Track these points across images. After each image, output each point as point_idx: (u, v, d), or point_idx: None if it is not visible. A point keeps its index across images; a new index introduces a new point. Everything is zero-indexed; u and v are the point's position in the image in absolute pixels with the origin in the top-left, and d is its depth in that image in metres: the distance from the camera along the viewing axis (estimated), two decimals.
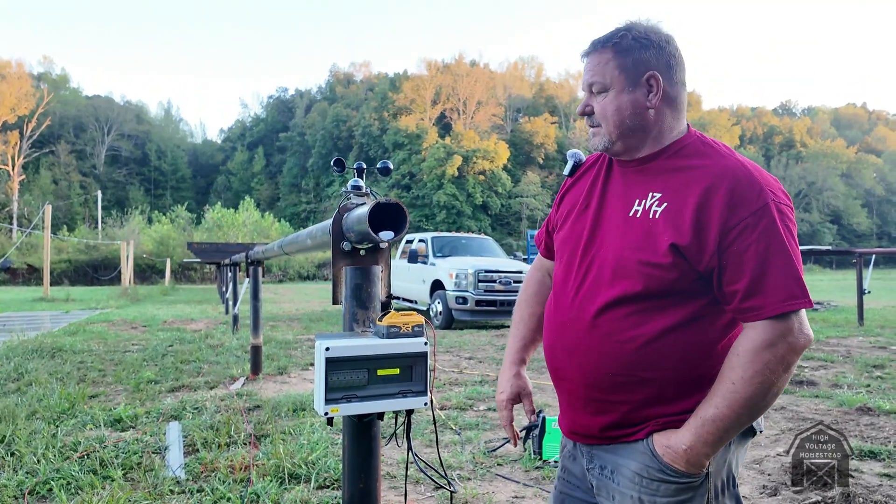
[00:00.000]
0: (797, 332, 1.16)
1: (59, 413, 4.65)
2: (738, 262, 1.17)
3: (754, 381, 1.16)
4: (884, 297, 20.30)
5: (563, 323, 1.39)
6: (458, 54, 79.89)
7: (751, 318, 1.19)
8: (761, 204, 1.17)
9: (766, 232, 1.16)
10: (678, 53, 1.32)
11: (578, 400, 1.37)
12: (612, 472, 1.33)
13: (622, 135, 1.31)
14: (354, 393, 1.53)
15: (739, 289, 1.18)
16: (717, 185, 1.19)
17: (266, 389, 5.75)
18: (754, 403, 1.17)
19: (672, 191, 1.25)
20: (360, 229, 1.62)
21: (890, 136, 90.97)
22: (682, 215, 1.21)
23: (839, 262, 60.05)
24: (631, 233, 1.27)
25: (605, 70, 1.30)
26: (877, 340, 9.55)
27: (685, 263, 1.21)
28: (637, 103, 1.28)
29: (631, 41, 1.29)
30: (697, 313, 1.25)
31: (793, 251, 1.18)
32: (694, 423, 1.21)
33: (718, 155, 1.26)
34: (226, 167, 79.79)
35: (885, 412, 4.88)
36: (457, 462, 3.68)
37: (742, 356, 1.18)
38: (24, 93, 60.39)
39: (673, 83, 1.30)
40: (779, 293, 1.15)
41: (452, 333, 10.75)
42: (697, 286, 1.23)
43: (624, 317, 1.26)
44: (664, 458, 1.24)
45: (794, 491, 3.27)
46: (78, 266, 40.58)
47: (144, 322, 12.23)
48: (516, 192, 65.12)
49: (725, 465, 1.29)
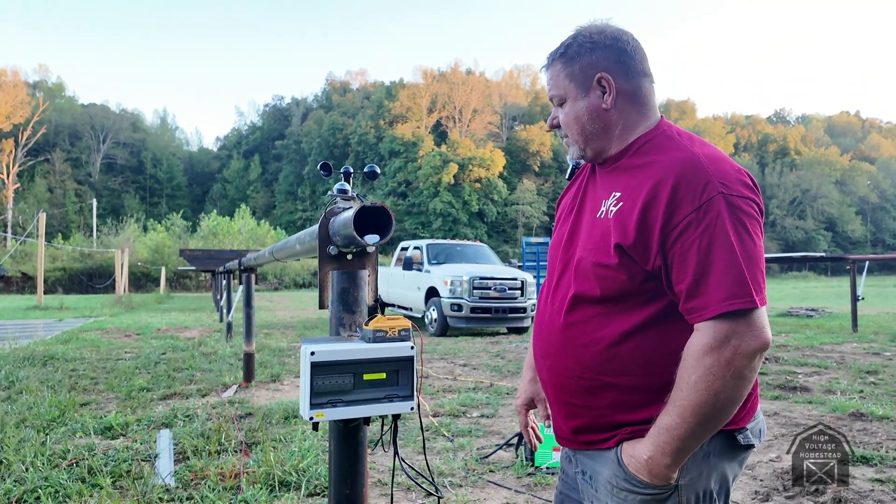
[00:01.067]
0: (744, 334, 1.07)
1: (49, 421, 4.62)
2: (682, 260, 1.11)
3: (698, 388, 1.08)
4: (877, 303, 20.37)
5: (540, 326, 1.40)
6: (454, 63, 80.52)
7: (695, 320, 1.12)
8: (706, 198, 1.09)
9: (709, 228, 1.08)
10: (630, 47, 1.27)
11: (554, 403, 1.37)
12: (590, 477, 1.31)
13: (587, 140, 1.30)
14: (340, 398, 1.52)
15: (683, 289, 1.11)
16: (665, 181, 1.13)
17: (258, 397, 5.73)
18: (703, 412, 1.09)
19: (629, 189, 1.20)
20: (346, 233, 1.62)
21: (883, 144, 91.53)
22: (630, 215, 1.16)
23: (833, 268, 60.30)
24: (592, 235, 1.26)
25: (559, 81, 1.31)
26: (870, 346, 9.58)
27: (633, 264, 1.17)
28: (592, 107, 1.27)
29: (576, 48, 1.28)
30: (658, 316, 1.19)
31: (740, 247, 1.08)
32: (653, 431, 1.15)
33: (675, 148, 1.20)
34: (221, 175, 79.78)
35: (877, 418, 4.88)
36: (449, 469, 3.67)
37: (687, 360, 1.11)
38: (20, 101, 60.33)
39: (629, 78, 1.27)
40: (719, 292, 1.07)
41: (447, 340, 10.72)
42: (652, 287, 1.18)
43: (586, 320, 1.24)
44: (629, 468, 1.19)
45: (786, 496, 3.26)
46: (72, 274, 40.42)
47: (138, 330, 12.18)
48: (512, 199, 65.26)
49: (702, 479, 1.20)
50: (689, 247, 1.10)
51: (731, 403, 1.10)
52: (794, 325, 13.75)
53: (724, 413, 1.11)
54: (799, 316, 16.28)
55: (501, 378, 6.83)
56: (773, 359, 8.15)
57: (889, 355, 8.62)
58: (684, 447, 1.12)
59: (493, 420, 4.90)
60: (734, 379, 1.08)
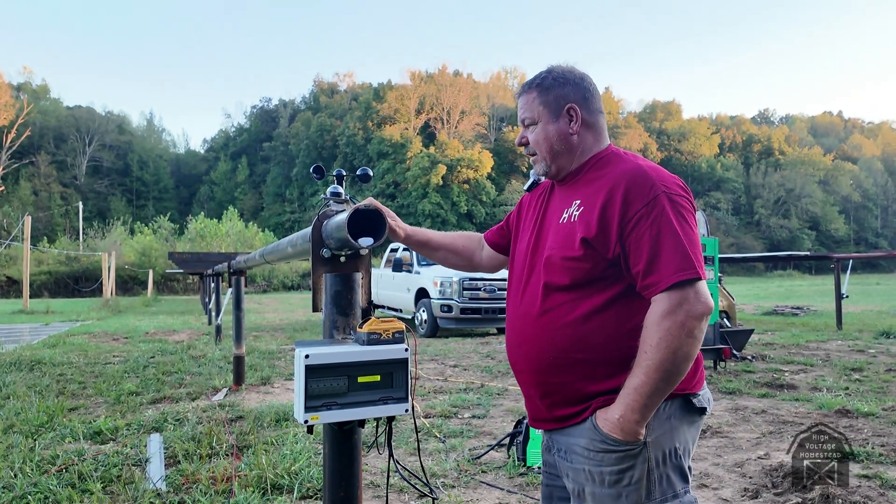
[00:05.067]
0: (693, 300, 1.32)
1: (38, 426, 4.58)
2: (637, 247, 1.36)
3: (661, 347, 1.31)
4: (861, 301, 20.61)
5: (514, 318, 1.60)
6: (442, 64, 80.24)
7: (652, 293, 1.35)
8: (652, 196, 1.37)
9: (657, 219, 1.35)
10: (593, 87, 1.57)
11: (531, 387, 1.56)
12: (566, 452, 1.50)
13: (553, 158, 1.56)
14: (335, 400, 1.52)
15: (640, 269, 1.36)
16: (618, 185, 1.40)
17: (249, 400, 5.71)
18: (665, 368, 1.31)
19: (587, 196, 1.47)
20: (339, 236, 1.62)
21: (865, 144, 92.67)
22: (592, 214, 1.42)
23: (818, 267, 60.93)
24: (559, 236, 1.49)
25: (532, 107, 1.57)
26: (855, 344, 9.70)
27: (595, 254, 1.41)
28: (561, 131, 1.54)
29: (551, 81, 1.55)
30: (617, 297, 1.43)
31: (682, 232, 1.35)
32: (622, 393, 1.37)
33: (622, 161, 1.48)
34: (209, 177, 79.13)
35: (863, 414, 4.95)
36: (441, 469, 3.68)
37: (648, 327, 1.34)
38: (4, 103, 59.53)
39: (591, 112, 1.55)
40: (670, 268, 1.33)
41: (437, 341, 10.74)
42: (612, 273, 1.42)
43: (557, 306, 1.47)
44: (603, 429, 1.40)
45: (774, 493, 3.30)
46: (58, 278, 39.93)
47: (126, 334, 12.08)
48: (501, 200, 65.28)
49: (666, 438, 1.43)
50: (643, 234, 1.36)
51: (686, 360, 1.33)
52: (780, 323, 13.88)
53: (681, 369, 1.33)
54: (784, 314, 16.43)
55: (492, 379, 6.85)
56: (760, 357, 8.24)
57: (873, 352, 8.74)
58: (650, 403, 1.34)
59: (484, 421, 4.92)
60: (688, 337, 1.31)
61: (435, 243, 1.98)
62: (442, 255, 1.99)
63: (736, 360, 7.75)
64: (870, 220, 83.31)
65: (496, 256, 1.94)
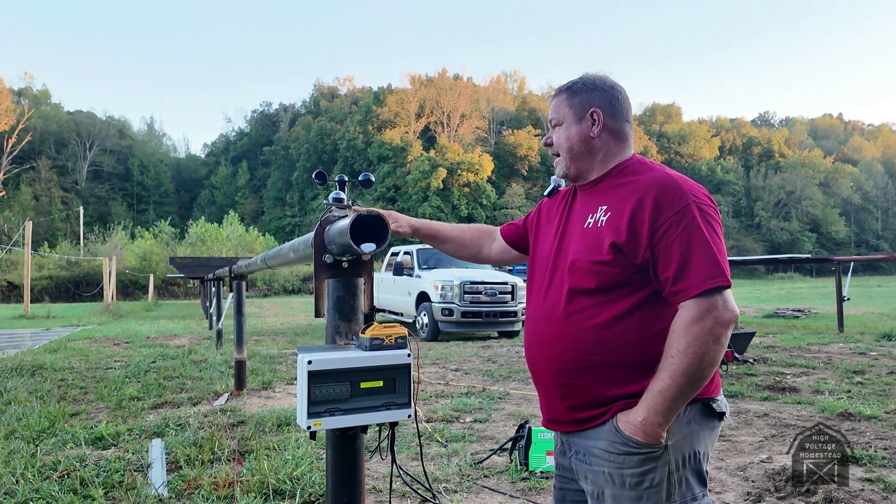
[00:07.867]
0: (721, 307, 1.34)
1: (39, 432, 4.57)
2: (667, 253, 1.38)
3: (688, 352, 1.33)
4: (863, 303, 20.58)
5: (535, 320, 1.61)
6: (442, 68, 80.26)
7: (681, 299, 1.37)
8: (683, 205, 1.39)
9: (688, 227, 1.37)
10: (622, 97, 1.59)
11: (551, 388, 1.57)
12: (584, 454, 1.51)
13: (573, 159, 1.59)
14: (337, 406, 1.52)
15: (670, 275, 1.38)
16: (648, 193, 1.43)
17: (250, 405, 5.70)
18: (691, 373, 1.33)
19: (615, 202, 1.49)
20: (342, 241, 1.62)
21: (865, 146, 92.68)
22: (621, 220, 1.44)
23: (819, 269, 60.81)
24: (585, 240, 1.51)
25: (560, 108, 1.62)
26: (857, 346, 9.68)
27: (624, 258, 1.43)
28: (582, 133, 1.57)
29: (581, 86, 1.59)
30: (642, 303, 1.45)
31: (712, 241, 1.37)
32: (646, 397, 1.39)
33: (650, 170, 1.50)
34: (209, 181, 79.17)
35: (865, 417, 4.94)
36: (443, 474, 3.67)
37: (676, 332, 1.36)
38: (4, 108, 59.61)
39: (616, 119, 1.58)
40: (700, 275, 1.35)
41: (439, 345, 10.72)
42: (639, 279, 1.44)
43: (582, 310, 1.48)
44: (626, 432, 1.41)
45: (777, 497, 3.29)
46: (59, 283, 39.91)
47: (127, 338, 12.07)
48: (501, 203, 65.32)
49: (686, 442, 1.45)
50: (673, 241, 1.38)
51: (711, 366, 1.35)
52: (782, 325, 13.87)
53: (706, 374, 1.35)
54: (786, 317, 16.42)
55: (493, 383, 6.84)
56: (762, 360, 8.23)
57: (875, 355, 8.73)
58: (674, 407, 1.37)
59: (486, 425, 4.91)
60: (715, 344, 1.34)
61: (443, 236, 2.05)
62: (450, 247, 2.06)
63: (738, 363, 7.74)
64: (870, 223, 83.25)
65: (508, 251, 1.97)
